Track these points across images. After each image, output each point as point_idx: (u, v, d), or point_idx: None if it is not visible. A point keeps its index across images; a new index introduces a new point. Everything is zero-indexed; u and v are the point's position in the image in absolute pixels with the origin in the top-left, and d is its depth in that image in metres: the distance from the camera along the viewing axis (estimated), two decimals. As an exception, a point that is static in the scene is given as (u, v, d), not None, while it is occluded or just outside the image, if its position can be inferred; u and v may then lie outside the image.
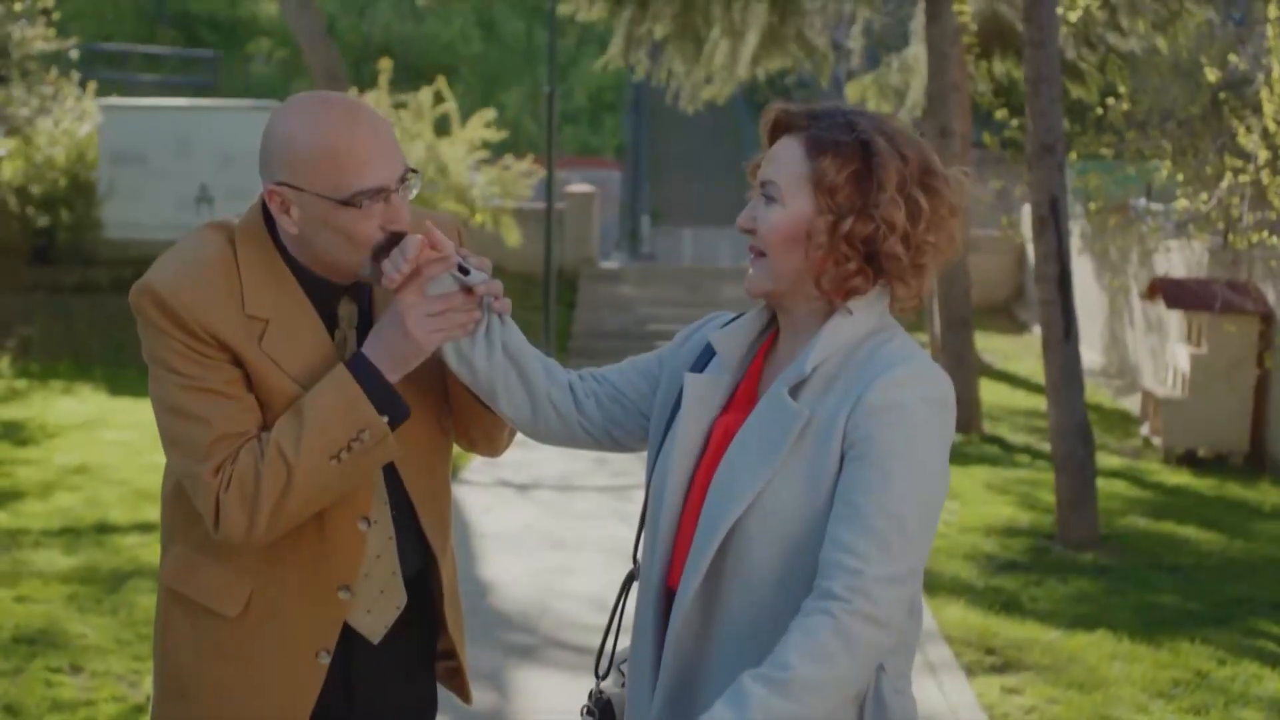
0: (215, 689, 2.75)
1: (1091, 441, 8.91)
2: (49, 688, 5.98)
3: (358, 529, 2.72)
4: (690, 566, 2.41)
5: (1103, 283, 16.85)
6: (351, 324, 2.74)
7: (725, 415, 2.52)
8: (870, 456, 2.32)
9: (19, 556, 8.07)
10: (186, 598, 2.77)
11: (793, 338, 2.52)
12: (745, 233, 2.50)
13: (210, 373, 2.59)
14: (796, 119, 2.50)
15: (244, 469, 2.57)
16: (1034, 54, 8.88)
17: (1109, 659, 6.66)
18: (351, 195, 2.56)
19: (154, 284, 2.60)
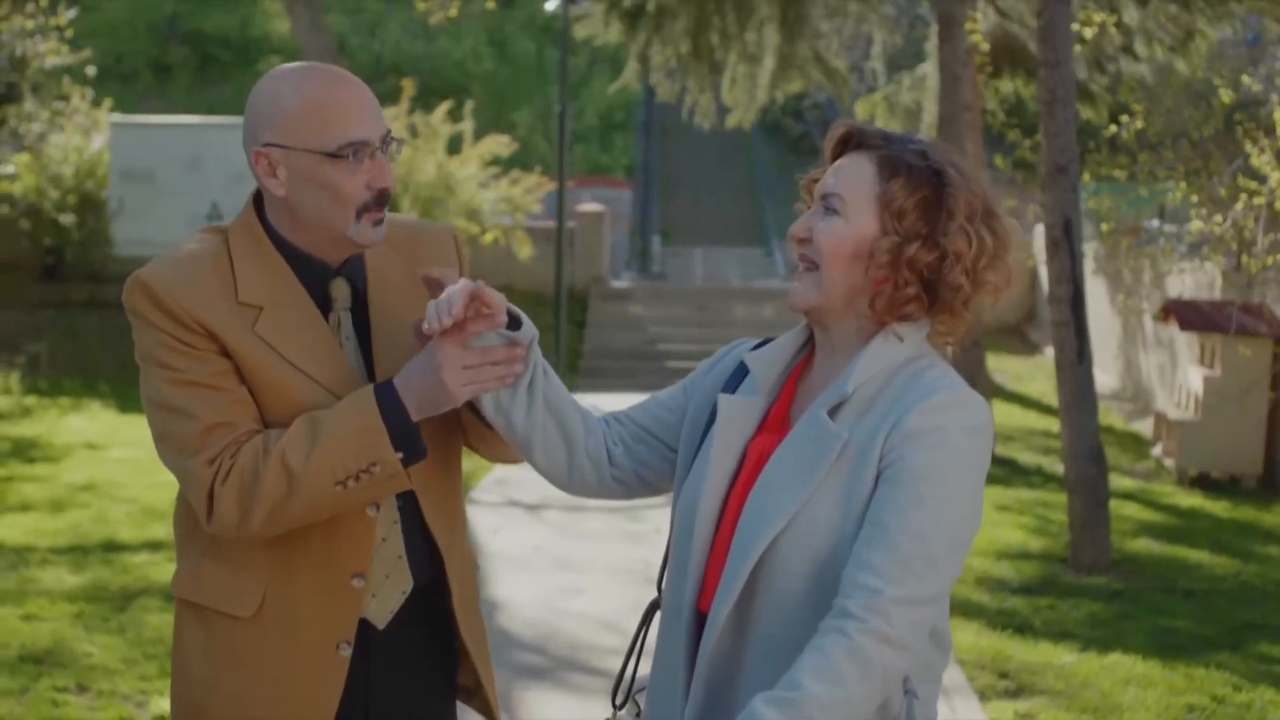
0: (232, 698, 2.72)
1: (1104, 464, 8.86)
2: (55, 707, 5.93)
3: (366, 514, 2.71)
4: (724, 588, 2.38)
5: (1116, 304, 16.80)
6: (345, 305, 2.75)
7: (759, 437, 2.50)
8: (903, 478, 2.31)
9: (26, 574, 8.03)
10: (199, 605, 2.75)
11: (830, 359, 2.51)
12: (799, 243, 2.48)
13: (197, 364, 2.60)
14: (870, 137, 2.49)
15: (244, 466, 2.57)
16: (1049, 74, 8.84)
17: (1123, 684, 6.60)
18: (338, 147, 2.60)
19: (144, 276, 2.63)
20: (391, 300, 2.79)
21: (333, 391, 2.66)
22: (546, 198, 21.51)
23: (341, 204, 2.63)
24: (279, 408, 2.64)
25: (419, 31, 40.11)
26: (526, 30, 42.13)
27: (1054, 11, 8.83)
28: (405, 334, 2.74)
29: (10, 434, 13.32)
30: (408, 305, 2.79)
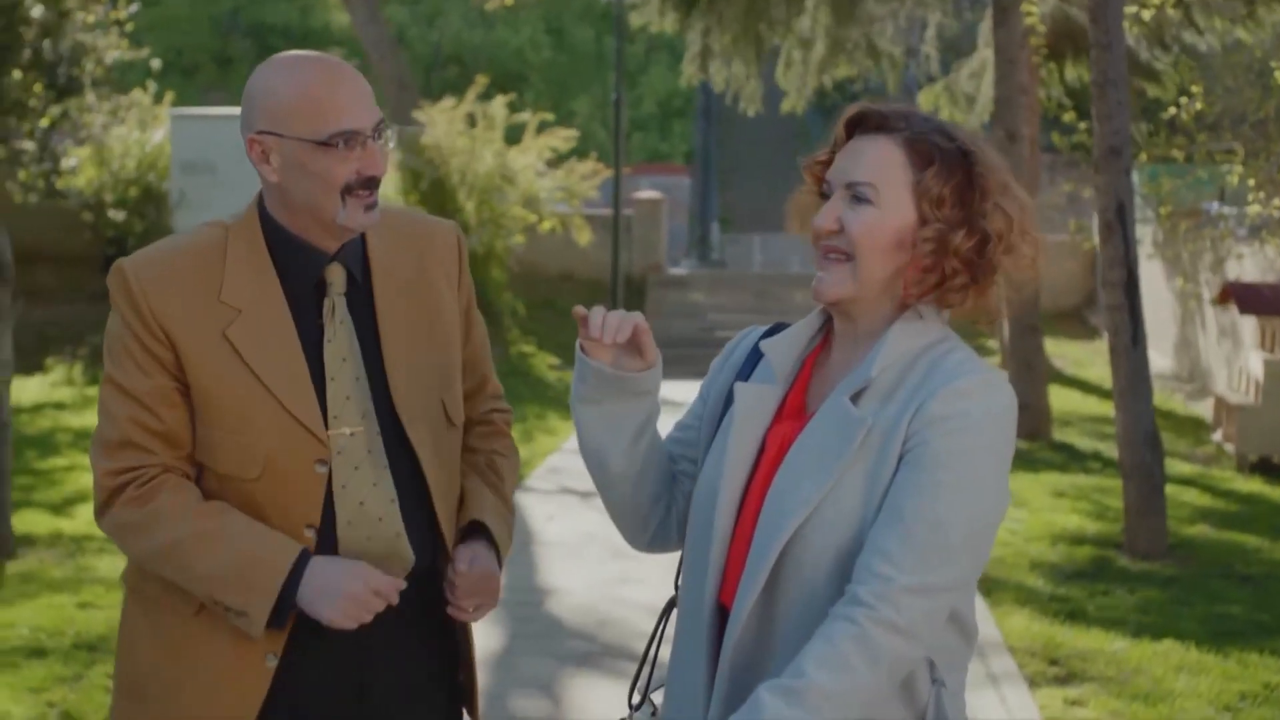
0: (168, 688, 2.75)
1: (1160, 449, 8.77)
2: (107, 694, 5.99)
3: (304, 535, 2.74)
4: (747, 579, 2.34)
5: (1175, 287, 16.65)
6: (340, 290, 2.77)
7: (777, 425, 2.45)
8: (924, 463, 2.27)
9: (83, 563, 8.13)
10: (145, 595, 2.79)
11: (850, 346, 2.45)
12: (829, 234, 2.40)
13: (140, 374, 2.67)
14: (891, 119, 2.41)
15: (155, 514, 2.66)
16: (1100, 56, 8.76)
17: (1175, 670, 6.54)
18: (329, 136, 2.63)
19: (125, 264, 2.70)
20: (397, 293, 2.82)
21: (286, 407, 2.68)
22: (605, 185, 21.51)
23: (330, 190, 2.66)
24: (228, 416, 2.68)
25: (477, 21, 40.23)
26: (585, 18, 42.17)
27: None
28: (407, 325, 2.78)
29: (72, 424, 13.46)
30: (414, 302, 2.83)
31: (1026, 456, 12.40)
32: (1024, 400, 13.31)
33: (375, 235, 2.82)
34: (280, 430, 2.67)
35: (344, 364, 2.74)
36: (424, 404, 2.79)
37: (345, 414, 2.73)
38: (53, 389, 16.07)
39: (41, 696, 5.96)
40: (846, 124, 2.45)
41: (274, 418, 2.67)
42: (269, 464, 2.67)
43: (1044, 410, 13.45)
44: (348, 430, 2.73)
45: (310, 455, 2.69)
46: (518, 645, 7.00)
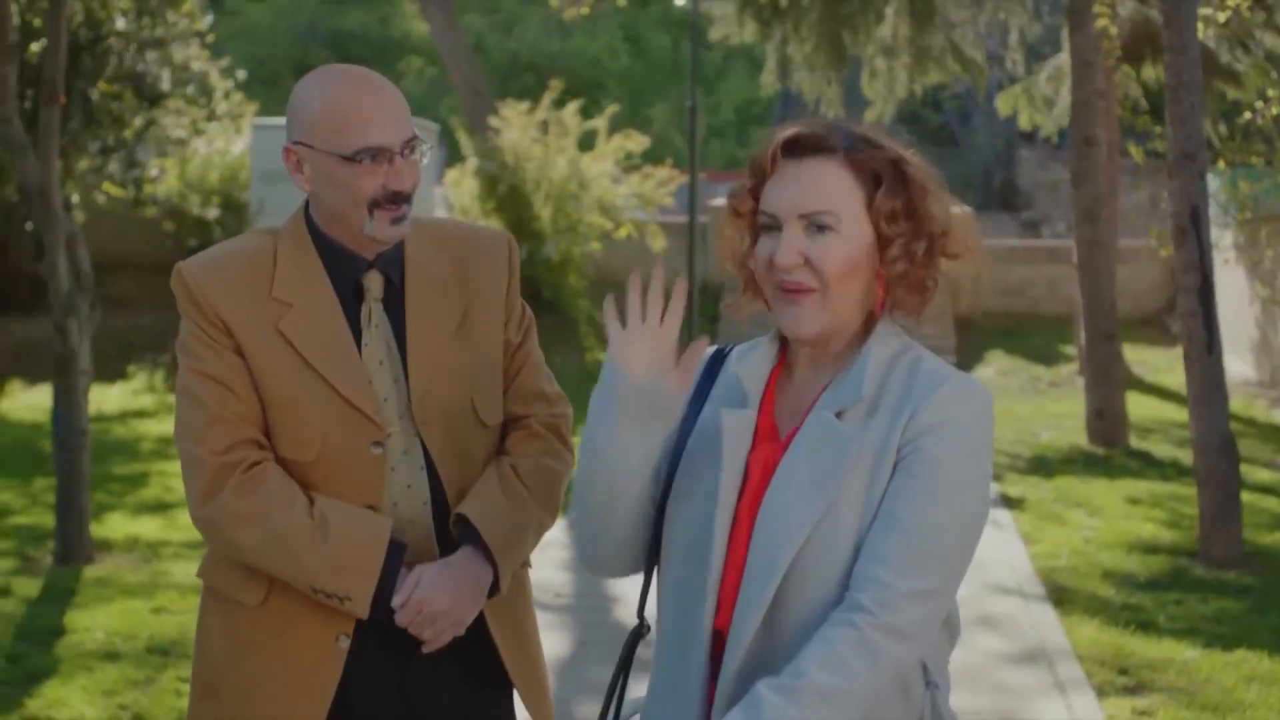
0: (244, 685, 2.85)
1: (1236, 455, 8.67)
2: (179, 698, 6.08)
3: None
4: (747, 605, 2.32)
5: (1256, 293, 16.44)
6: (377, 296, 2.87)
7: (757, 449, 2.42)
8: (917, 470, 2.29)
9: (158, 568, 8.25)
10: (217, 591, 2.90)
11: (817, 365, 2.44)
12: (792, 269, 2.34)
13: (213, 357, 2.78)
14: (829, 139, 2.37)
15: (266, 501, 2.75)
16: (1174, 59, 8.68)
17: (1246, 681, 6.46)
18: (354, 152, 2.73)
19: (181, 267, 2.84)
20: (430, 297, 2.89)
21: (340, 393, 2.79)
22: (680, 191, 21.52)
23: (356, 204, 2.76)
24: (284, 405, 2.79)
25: (555, 29, 40.39)
26: (662, 25, 42.21)
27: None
28: (438, 332, 2.86)
29: (152, 431, 13.65)
30: (447, 304, 2.89)
31: (1103, 463, 12.30)
32: (1100, 407, 13.22)
33: (415, 242, 2.90)
34: (335, 415, 2.78)
35: (381, 366, 2.84)
36: (446, 405, 2.86)
37: (384, 415, 2.82)
38: (134, 396, 16.31)
39: (114, 699, 6.06)
40: (782, 150, 2.38)
41: (328, 403, 2.78)
42: (324, 447, 2.79)
43: (1121, 417, 13.31)
44: (387, 431, 2.82)
45: (366, 437, 2.80)
46: (586, 652, 7.03)
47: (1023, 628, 7.38)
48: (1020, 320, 21.70)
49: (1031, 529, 9.73)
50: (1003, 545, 9.21)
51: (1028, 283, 22.34)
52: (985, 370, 18.81)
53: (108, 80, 17.05)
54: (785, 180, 2.36)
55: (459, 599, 2.80)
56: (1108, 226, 14.03)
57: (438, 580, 2.79)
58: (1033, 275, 22.35)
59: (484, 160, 18.85)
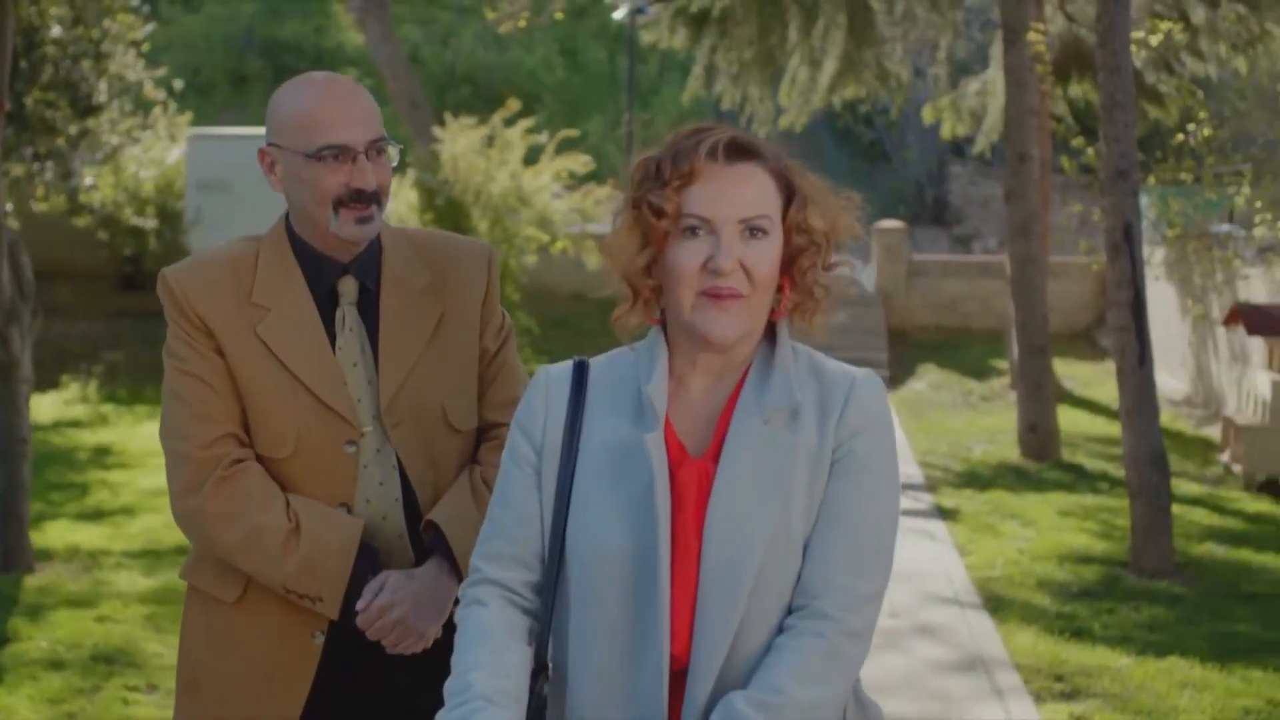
0: (223, 680, 2.93)
1: (1166, 468, 8.84)
2: (125, 705, 6.10)
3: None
4: (711, 629, 2.26)
5: (1186, 309, 16.70)
6: (351, 300, 2.96)
7: (680, 471, 2.33)
8: (853, 470, 2.31)
9: (100, 577, 8.23)
10: (197, 589, 2.99)
11: (715, 375, 2.39)
12: (728, 274, 2.28)
13: (196, 357, 2.87)
14: (762, 147, 2.36)
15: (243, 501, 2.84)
16: (1108, 79, 8.86)
17: (1179, 687, 6.61)
18: (317, 150, 2.83)
19: (166, 272, 2.93)
20: (405, 302, 2.98)
21: (314, 393, 2.88)
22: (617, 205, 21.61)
23: (321, 202, 2.86)
24: (261, 405, 2.88)
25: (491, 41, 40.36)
26: (599, 39, 42.29)
27: (1113, 17, 8.85)
28: (410, 336, 2.95)
29: (88, 442, 13.58)
30: (422, 310, 2.98)
31: (1034, 476, 12.48)
32: (1032, 421, 13.41)
33: (393, 249, 3.00)
34: (310, 414, 2.87)
35: (355, 368, 2.93)
36: (417, 407, 2.94)
37: (357, 415, 2.91)
38: (67, 406, 16.22)
39: (60, 707, 6.06)
40: (724, 150, 2.32)
41: (304, 403, 2.87)
42: (300, 445, 2.87)
43: (1053, 431, 13.51)
44: (361, 430, 2.91)
45: (340, 436, 2.89)
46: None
47: (960, 636, 7.51)
48: (953, 334, 21.94)
49: (966, 540, 9.87)
50: (938, 556, 9.34)
51: (960, 297, 22.59)
52: (918, 384, 18.99)
53: (42, 88, 16.93)
54: (721, 184, 2.29)
55: (420, 610, 2.87)
56: (1040, 242, 14.23)
57: (400, 589, 2.86)
58: (966, 290, 22.59)
59: (423, 172, 18.87)
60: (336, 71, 3.15)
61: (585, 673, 2.32)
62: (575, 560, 2.33)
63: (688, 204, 2.28)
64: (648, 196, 2.30)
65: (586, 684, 2.31)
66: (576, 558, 2.33)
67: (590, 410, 2.39)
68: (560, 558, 2.36)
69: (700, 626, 2.26)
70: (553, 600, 2.37)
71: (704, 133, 2.32)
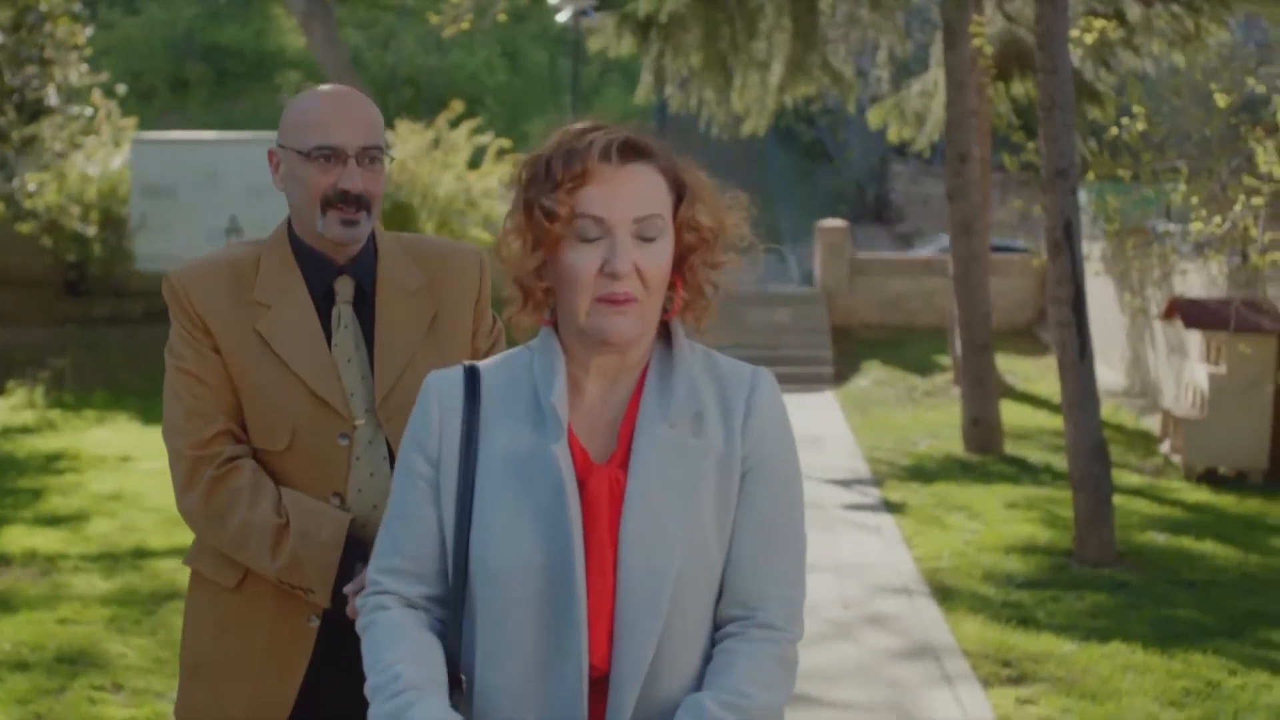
0: (223, 662, 3.05)
1: (1108, 460, 9.05)
2: (92, 705, 6.17)
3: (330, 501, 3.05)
4: (632, 638, 2.23)
5: (1124, 304, 16.97)
6: (347, 299, 3.09)
7: (590, 480, 2.28)
8: (768, 476, 2.31)
9: (59, 580, 8.29)
10: (200, 575, 3.11)
11: (610, 378, 2.35)
12: (625, 278, 2.24)
13: (194, 355, 3.01)
14: (655, 147, 2.31)
15: (232, 497, 2.97)
16: (1047, 80, 9.06)
17: (1122, 670, 6.81)
18: (311, 149, 2.98)
19: (170, 273, 3.08)
20: (399, 302, 3.11)
21: (310, 387, 3.01)
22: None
23: (310, 200, 3.01)
24: (259, 399, 3.02)
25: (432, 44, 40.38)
26: (539, 41, 42.41)
27: (1051, 19, 9.05)
28: (405, 334, 3.09)
29: (37, 448, 13.58)
30: (416, 310, 3.12)
31: (979, 470, 12.69)
32: (976, 415, 13.64)
33: (389, 253, 3.14)
34: (305, 408, 3.00)
35: (349, 364, 3.06)
36: (410, 403, 3.03)
37: (350, 409, 3.05)
38: (14, 412, 16.20)
39: (28, 707, 6.12)
40: (618, 150, 2.26)
41: (299, 397, 3.00)
42: (295, 438, 3.01)
43: (996, 425, 13.74)
44: (355, 422, 3.04)
45: (333, 429, 3.02)
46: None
47: (909, 625, 7.68)
48: (896, 332, 22.19)
49: (913, 533, 10.05)
50: (887, 549, 9.52)
51: (904, 295, 22.83)
52: (863, 380, 19.21)
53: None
54: (614, 185, 2.24)
55: None
56: (981, 240, 14.46)
57: None
58: (909, 288, 22.84)
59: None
60: (277, 76, 3.32)
61: (495, 685, 2.27)
62: (482, 574, 2.28)
63: (581, 205, 2.23)
64: (539, 199, 2.24)
65: (496, 696, 2.27)
66: (483, 571, 2.27)
67: (486, 418, 2.34)
68: (464, 572, 2.31)
69: (622, 635, 2.23)
70: (459, 615, 2.32)
71: (594, 132, 2.27)
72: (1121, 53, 16.42)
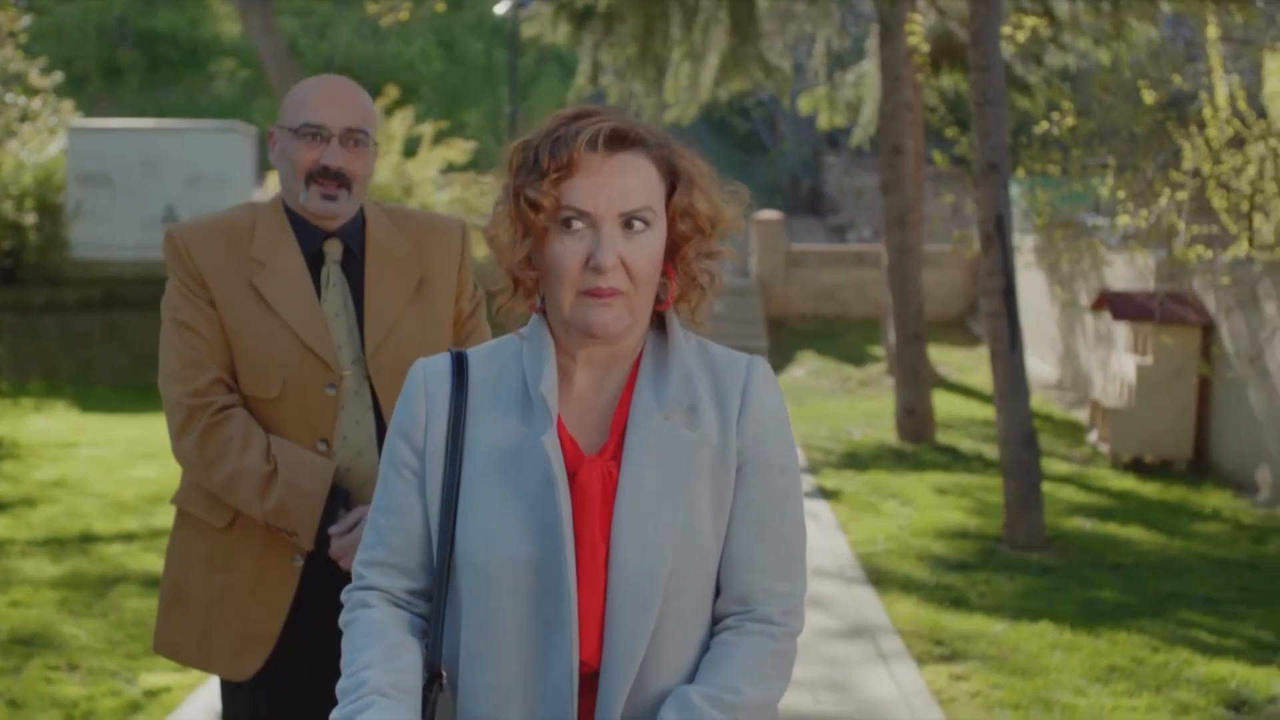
0: (212, 597, 3.29)
1: (1037, 447, 9.31)
2: (49, 684, 6.29)
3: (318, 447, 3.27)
4: (624, 632, 2.20)
5: (1054, 295, 17.29)
6: (336, 259, 3.33)
7: (581, 471, 2.24)
8: (764, 470, 2.28)
9: (7, 564, 8.37)
10: (189, 514, 3.33)
11: (600, 369, 2.30)
12: (610, 271, 2.19)
13: (190, 307, 3.23)
14: (645, 136, 2.25)
15: (222, 443, 3.19)
16: (979, 77, 9.30)
17: (1050, 648, 7.06)
18: (298, 126, 3.23)
19: (171, 229, 3.29)
20: (387, 266, 3.35)
21: (301, 339, 3.24)
22: (499, 198, 21.81)
23: (295, 174, 3.26)
24: (251, 350, 3.23)
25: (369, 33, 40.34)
26: (476, 31, 42.42)
27: (984, 18, 9.30)
28: (394, 294, 3.33)
29: (-22, 434, 13.59)
30: (403, 273, 3.36)
31: (912, 458, 12.95)
32: (909, 404, 13.90)
33: (376, 222, 3.38)
34: (295, 358, 3.22)
35: (337, 319, 3.29)
36: (397, 356, 3.28)
37: (338, 360, 3.27)
38: (-47, 400, 16.16)
39: (-15, 686, 6.24)
40: (605, 140, 2.20)
41: (290, 348, 3.22)
42: (286, 387, 3.23)
43: (928, 414, 14.01)
44: (342, 373, 3.27)
45: (322, 380, 3.24)
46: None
47: (846, 606, 7.90)
48: (830, 322, 22.46)
49: (848, 519, 10.28)
50: (822, 534, 9.74)
51: (838, 286, 23.10)
52: (797, 370, 19.45)
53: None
54: (601, 176, 2.18)
55: None
56: (915, 232, 14.72)
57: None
58: (842, 279, 23.11)
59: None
60: (211, 64, 3.54)
61: (480, 682, 2.23)
62: (468, 567, 2.23)
63: (566, 197, 2.17)
64: (525, 190, 2.18)
65: (481, 693, 2.23)
66: (469, 564, 2.22)
67: (474, 407, 2.29)
68: (448, 565, 2.26)
69: (612, 631, 2.19)
70: (443, 609, 2.28)
71: (584, 119, 2.20)
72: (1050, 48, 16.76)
